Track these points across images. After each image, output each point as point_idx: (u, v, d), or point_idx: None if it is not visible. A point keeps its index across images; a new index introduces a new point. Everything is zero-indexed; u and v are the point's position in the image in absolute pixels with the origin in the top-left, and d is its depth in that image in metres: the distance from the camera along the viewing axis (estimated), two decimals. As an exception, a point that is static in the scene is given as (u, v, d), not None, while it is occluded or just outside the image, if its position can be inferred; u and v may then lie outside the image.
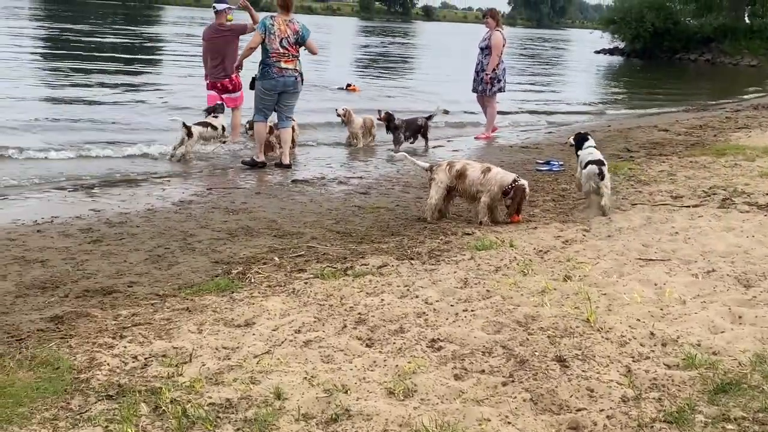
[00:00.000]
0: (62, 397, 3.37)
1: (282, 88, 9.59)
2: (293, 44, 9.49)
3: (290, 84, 9.60)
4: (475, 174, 6.83)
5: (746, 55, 44.69)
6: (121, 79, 19.66)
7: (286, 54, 9.46)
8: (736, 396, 3.32)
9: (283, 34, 9.40)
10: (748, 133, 13.41)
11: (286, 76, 9.52)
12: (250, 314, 4.46)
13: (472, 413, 3.18)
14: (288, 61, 9.50)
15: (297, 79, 9.63)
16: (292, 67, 9.54)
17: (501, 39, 12.75)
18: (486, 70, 12.78)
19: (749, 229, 6.31)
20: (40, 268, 5.47)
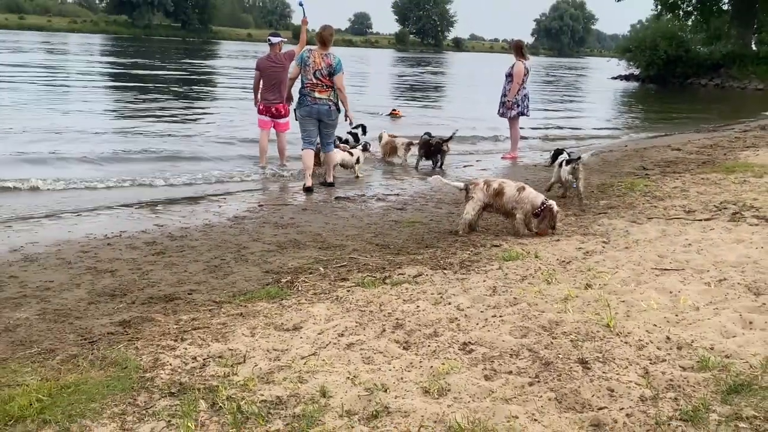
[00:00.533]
0: (129, 394, 3.41)
1: (317, 116, 9.51)
2: (326, 76, 9.39)
3: (324, 112, 9.49)
4: (511, 192, 6.86)
5: (753, 80, 43.98)
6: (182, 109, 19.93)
7: (320, 84, 9.37)
8: (748, 396, 3.25)
9: (318, 66, 9.34)
10: (756, 151, 13.19)
11: (320, 104, 9.43)
12: (297, 319, 4.48)
13: (501, 411, 3.15)
14: (321, 91, 9.41)
15: (330, 108, 9.51)
16: (325, 97, 9.44)
17: (522, 69, 12.73)
18: (507, 96, 12.83)
19: (758, 241, 6.19)
20: (110, 277, 5.56)
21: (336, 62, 9.41)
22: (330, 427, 3.06)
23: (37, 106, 17.90)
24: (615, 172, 11.09)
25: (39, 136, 13.15)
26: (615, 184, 9.67)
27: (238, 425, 3.09)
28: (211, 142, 13.92)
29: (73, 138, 13.25)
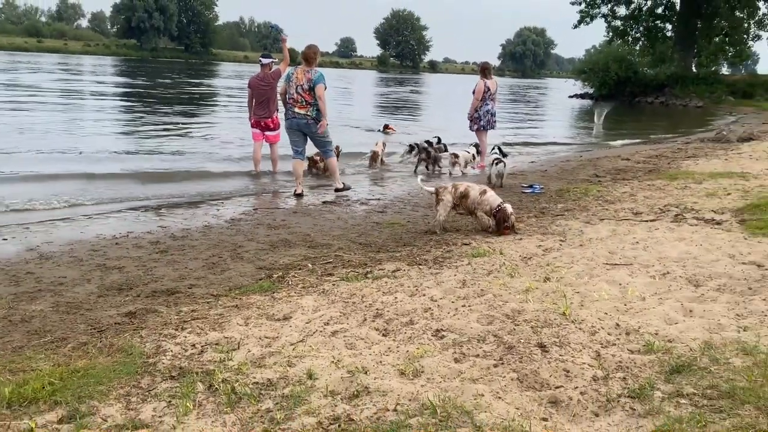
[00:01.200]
0: (134, 378, 3.37)
1: (297, 128, 9.28)
2: (306, 90, 9.07)
3: (303, 125, 9.22)
4: (475, 194, 7.01)
5: (694, 98, 44.37)
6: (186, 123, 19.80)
7: (300, 100, 9.10)
8: (688, 375, 3.27)
9: (299, 82, 9.09)
10: (696, 161, 13.30)
11: (298, 118, 9.16)
12: (287, 310, 4.45)
13: (469, 390, 3.15)
14: (301, 107, 9.12)
15: (308, 122, 9.17)
16: (303, 112, 9.13)
17: (482, 86, 12.68)
18: (468, 110, 12.93)
19: (697, 239, 6.23)
20: (117, 273, 5.49)
21: (316, 76, 9.08)
22: (315, 406, 3.03)
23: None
24: (571, 179, 11.14)
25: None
26: (571, 190, 9.71)
27: (232, 405, 3.06)
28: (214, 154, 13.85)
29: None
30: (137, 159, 12.45)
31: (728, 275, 4.98)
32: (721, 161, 12.90)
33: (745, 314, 4.14)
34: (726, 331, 3.86)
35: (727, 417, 2.80)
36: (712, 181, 9.95)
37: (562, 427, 2.86)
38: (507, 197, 9.14)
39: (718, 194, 8.77)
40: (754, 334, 3.76)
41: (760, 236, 6.19)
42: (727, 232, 6.48)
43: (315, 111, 9.16)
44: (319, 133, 9.30)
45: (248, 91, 11.12)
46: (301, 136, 9.42)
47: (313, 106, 9.15)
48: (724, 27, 49.12)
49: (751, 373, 3.18)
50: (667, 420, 2.83)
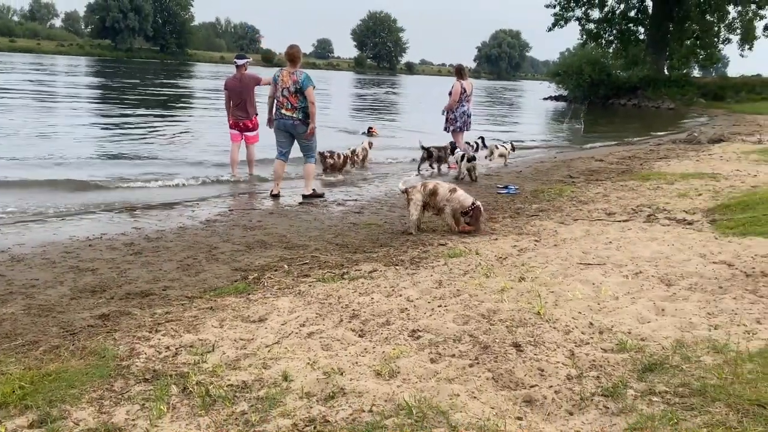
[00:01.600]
0: (107, 381, 3.32)
1: (284, 129, 9.23)
2: (293, 93, 9.00)
3: (290, 126, 9.16)
4: (444, 192, 7.02)
5: (666, 100, 44.99)
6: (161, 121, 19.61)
7: (286, 103, 9.05)
8: (661, 374, 3.30)
9: (285, 84, 9.03)
10: (668, 162, 13.48)
11: (285, 119, 9.10)
12: (263, 312, 4.42)
13: (445, 390, 3.14)
14: (288, 109, 9.07)
15: (294, 123, 9.11)
16: (290, 114, 9.07)
17: (459, 87, 12.75)
18: (444, 108, 13.00)
19: (669, 239, 6.31)
20: (91, 275, 5.42)
21: (302, 78, 9.01)
22: (290, 408, 3.01)
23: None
24: (545, 179, 11.22)
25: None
26: (545, 190, 9.78)
27: (206, 407, 3.03)
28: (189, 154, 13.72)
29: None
30: (111, 164, 12.28)
31: (699, 274, 5.04)
32: (693, 162, 13.08)
33: (715, 313, 4.19)
34: (697, 329, 3.90)
35: (698, 414, 2.83)
36: (683, 182, 10.08)
37: (537, 426, 2.86)
38: (482, 198, 9.19)
39: (689, 195, 8.89)
40: (724, 333, 3.80)
41: (730, 236, 6.28)
42: (699, 232, 6.57)
43: (301, 113, 9.07)
44: (305, 137, 9.24)
45: (225, 92, 11.03)
46: (287, 137, 9.33)
47: (299, 109, 9.05)
48: (695, 30, 49.87)
49: (721, 371, 3.22)
50: (640, 418, 2.85)
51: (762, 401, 2.86)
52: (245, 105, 10.75)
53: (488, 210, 8.31)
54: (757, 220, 6.65)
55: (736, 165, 12.10)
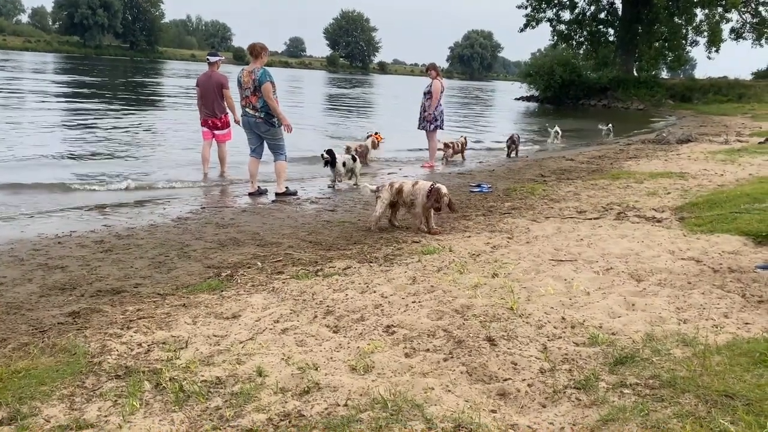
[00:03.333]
0: (78, 378, 3.28)
1: (249, 127, 9.17)
2: (253, 92, 8.94)
3: (254, 125, 9.09)
4: (408, 187, 7.07)
5: (635, 101, 45.63)
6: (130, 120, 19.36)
7: (249, 103, 9.01)
8: (631, 366, 3.35)
9: (246, 85, 8.97)
10: (637, 161, 13.68)
11: (249, 117, 9.06)
12: (236, 308, 4.40)
13: (419, 384, 3.16)
14: (251, 109, 9.01)
15: (257, 120, 9.03)
16: (253, 113, 9.02)
17: (439, 86, 12.90)
18: (428, 110, 12.97)
19: (639, 236, 6.41)
20: (60, 272, 5.33)
21: (259, 75, 8.87)
22: (265, 403, 3.00)
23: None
24: (518, 178, 11.32)
25: None
26: (518, 189, 9.86)
27: (180, 403, 3.01)
28: (159, 152, 13.57)
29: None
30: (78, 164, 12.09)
31: (668, 270, 5.13)
32: (661, 162, 13.29)
33: (684, 307, 4.27)
34: (667, 323, 3.98)
35: (668, 405, 2.88)
36: (652, 181, 10.24)
37: (511, 419, 2.89)
38: (455, 196, 9.25)
39: (658, 193, 9.04)
40: (693, 327, 3.88)
41: (698, 233, 6.40)
42: (667, 230, 6.68)
43: (263, 112, 9.01)
44: (269, 135, 9.18)
45: (197, 89, 10.94)
46: (255, 135, 9.28)
47: (261, 108, 9.00)
48: (663, 32, 50.64)
49: (690, 364, 3.28)
50: (611, 409, 2.89)
51: (729, 392, 2.92)
52: (212, 103, 10.68)
53: (461, 208, 8.37)
54: (724, 217, 6.79)
55: (703, 164, 12.33)
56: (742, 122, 27.91)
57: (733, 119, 30.65)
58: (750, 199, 7.45)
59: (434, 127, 13.12)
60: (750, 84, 48.58)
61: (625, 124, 26.02)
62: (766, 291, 4.51)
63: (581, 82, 48.82)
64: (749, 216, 6.65)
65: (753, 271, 5.00)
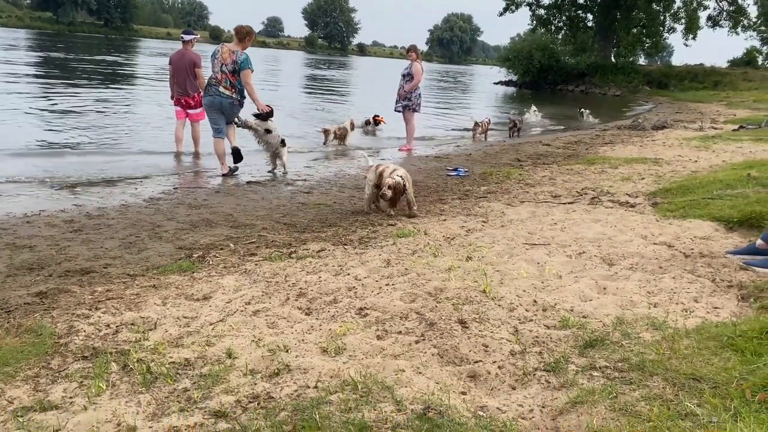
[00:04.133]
0: (43, 359, 3.23)
1: (218, 106, 9.01)
2: (230, 72, 8.82)
3: (226, 105, 8.97)
4: (387, 173, 7.06)
5: (612, 87, 45.95)
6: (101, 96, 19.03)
7: (225, 81, 8.85)
8: (601, 349, 3.37)
9: (224, 61, 8.83)
10: (612, 147, 13.78)
11: (223, 97, 8.92)
12: (207, 290, 4.35)
13: (391, 366, 3.16)
14: (226, 88, 8.88)
15: (233, 103, 8.96)
16: (228, 94, 8.90)
17: (420, 68, 12.86)
18: (404, 89, 12.94)
19: (612, 220, 6.45)
20: (28, 252, 5.24)
21: (242, 59, 8.78)
22: (234, 385, 2.98)
23: None
24: (494, 162, 11.34)
25: None
26: (494, 173, 9.88)
27: (147, 384, 2.97)
28: (132, 131, 13.36)
29: None
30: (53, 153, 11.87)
31: (640, 255, 5.18)
32: (637, 147, 13.40)
33: (655, 291, 4.31)
34: (637, 307, 4.01)
35: (637, 388, 2.91)
36: (627, 166, 10.32)
37: (481, 400, 2.90)
38: (432, 179, 9.27)
39: (632, 179, 9.11)
40: (663, 311, 3.92)
41: (671, 218, 6.47)
42: (641, 215, 6.74)
43: (240, 95, 8.95)
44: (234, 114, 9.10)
45: (169, 68, 10.78)
46: (220, 114, 9.11)
47: (239, 90, 8.92)
48: (641, 19, 51.00)
49: (659, 347, 3.31)
50: (580, 392, 2.91)
51: (697, 375, 2.96)
52: (184, 81, 10.54)
53: (437, 191, 8.38)
54: (697, 203, 6.86)
55: (678, 151, 12.45)
56: (717, 109, 28.23)
57: (708, 106, 31.00)
58: (723, 186, 7.53)
59: (411, 109, 13.08)
60: (725, 72, 49.12)
61: (599, 110, 26.11)
62: (736, 276, 4.57)
63: (559, 68, 49.02)
64: (721, 202, 6.73)
65: (723, 257, 5.06)
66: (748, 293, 4.23)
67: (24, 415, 2.70)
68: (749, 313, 3.88)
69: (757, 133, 15.56)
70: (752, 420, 2.41)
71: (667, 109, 30.13)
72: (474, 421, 2.69)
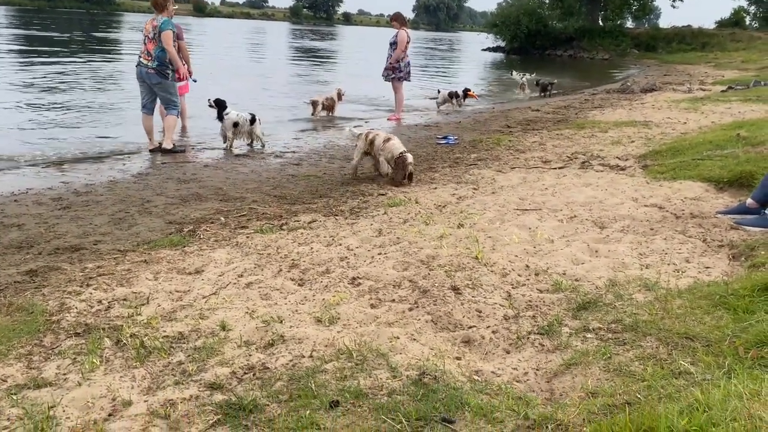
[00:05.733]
0: (36, 336, 3.21)
1: (141, 78, 8.77)
2: (151, 39, 8.59)
3: (144, 75, 8.72)
4: (379, 141, 7.09)
5: (600, 51, 45.74)
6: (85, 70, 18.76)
7: (145, 51, 8.65)
8: (594, 312, 3.39)
9: (146, 32, 8.66)
10: (602, 111, 13.74)
11: (141, 66, 8.69)
12: (199, 263, 4.34)
13: (385, 333, 3.16)
14: (145, 57, 8.66)
15: (148, 71, 8.65)
16: (145, 63, 8.65)
17: (405, 36, 12.69)
18: (390, 60, 12.78)
19: (603, 184, 6.45)
20: (16, 231, 5.19)
21: (161, 22, 8.52)
22: (229, 357, 2.98)
23: None
24: (484, 129, 11.29)
25: None
26: (484, 140, 9.84)
27: (141, 359, 2.96)
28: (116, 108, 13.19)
29: None
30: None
31: (631, 217, 5.19)
32: (626, 111, 13.37)
33: (647, 253, 4.32)
34: (629, 269, 4.03)
35: (630, 348, 2.93)
36: (616, 130, 10.30)
37: (475, 365, 2.91)
38: (422, 148, 9.23)
39: (622, 142, 9.10)
40: (655, 272, 3.93)
41: (661, 180, 6.47)
42: (631, 177, 6.74)
43: (156, 62, 8.61)
44: (160, 88, 8.77)
45: None
46: (147, 89, 8.85)
47: (154, 57, 8.61)
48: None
49: (652, 307, 3.33)
50: (574, 354, 2.93)
51: (690, 334, 2.97)
52: None
53: (427, 160, 8.34)
54: (687, 164, 6.86)
55: (667, 113, 12.43)
56: (706, 71, 28.19)
57: (696, 68, 30.94)
58: (712, 146, 7.54)
59: (400, 78, 12.96)
60: (713, 33, 48.90)
61: (588, 74, 26.01)
62: (727, 236, 4.59)
63: (547, 33, 48.69)
64: (711, 162, 6.73)
65: (714, 217, 5.07)
66: (739, 252, 4.25)
67: (18, 392, 2.69)
68: (740, 271, 3.90)
69: (745, 93, 15.55)
70: (746, 376, 2.43)
71: (656, 71, 30.05)
72: (469, 386, 2.70)
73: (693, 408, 2.14)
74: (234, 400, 2.58)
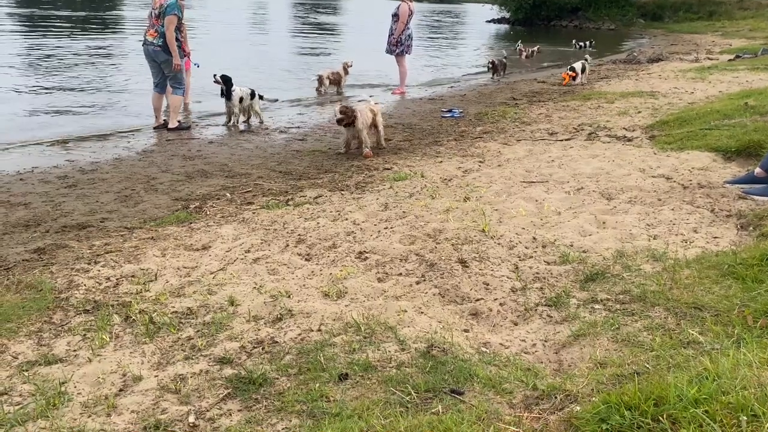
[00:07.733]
0: (45, 314, 3.23)
1: (148, 56, 8.72)
2: (157, 17, 8.51)
3: (152, 53, 8.65)
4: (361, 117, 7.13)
5: (606, 21, 45.17)
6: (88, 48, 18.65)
7: (151, 27, 8.56)
8: (602, 283, 3.38)
9: (154, 6, 8.55)
10: (608, 82, 13.61)
11: (148, 44, 8.62)
12: (206, 240, 4.34)
13: (392, 307, 3.17)
14: (151, 33, 8.57)
15: (155, 49, 8.58)
16: (151, 40, 8.57)
17: (407, 9, 12.53)
18: (394, 34, 12.66)
19: (610, 155, 6.41)
20: (23, 209, 5.21)
21: (168, 3, 8.43)
22: (238, 331, 2.99)
23: None
24: (489, 102, 11.21)
25: None
26: (489, 113, 9.78)
27: (150, 335, 2.98)
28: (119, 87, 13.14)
29: None
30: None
31: (639, 188, 5.16)
32: (632, 81, 13.23)
33: (654, 224, 4.30)
34: (637, 240, 4.01)
35: (638, 319, 2.92)
36: (623, 101, 10.21)
37: (483, 337, 2.92)
38: (427, 122, 9.18)
39: (629, 113, 9.02)
40: (663, 242, 3.92)
41: (668, 151, 6.42)
42: (638, 148, 6.69)
43: (162, 39, 8.53)
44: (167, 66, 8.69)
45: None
46: (156, 66, 8.80)
47: (161, 34, 8.52)
48: (634, -52, 49.71)
49: (660, 278, 3.32)
50: (582, 325, 2.93)
51: (698, 304, 2.97)
52: None
53: (432, 134, 8.30)
54: (694, 134, 6.81)
55: (674, 83, 12.30)
56: (713, 40, 27.83)
57: (703, 37, 30.53)
58: (720, 116, 7.46)
59: (401, 52, 12.84)
60: (721, 1, 48.11)
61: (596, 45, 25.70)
62: (735, 205, 4.56)
63: (552, 3, 47.97)
64: (719, 132, 6.67)
65: (722, 186, 5.04)
66: (748, 222, 4.23)
67: (29, 369, 2.71)
68: (749, 241, 3.88)
69: (753, 62, 15.36)
70: (755, 345, 2.42)
71: (662, 41, 29.67)
72: (477, 357, 2.71)
73: (702, 377, 2.14)
74: (244, 374, 2.60)
